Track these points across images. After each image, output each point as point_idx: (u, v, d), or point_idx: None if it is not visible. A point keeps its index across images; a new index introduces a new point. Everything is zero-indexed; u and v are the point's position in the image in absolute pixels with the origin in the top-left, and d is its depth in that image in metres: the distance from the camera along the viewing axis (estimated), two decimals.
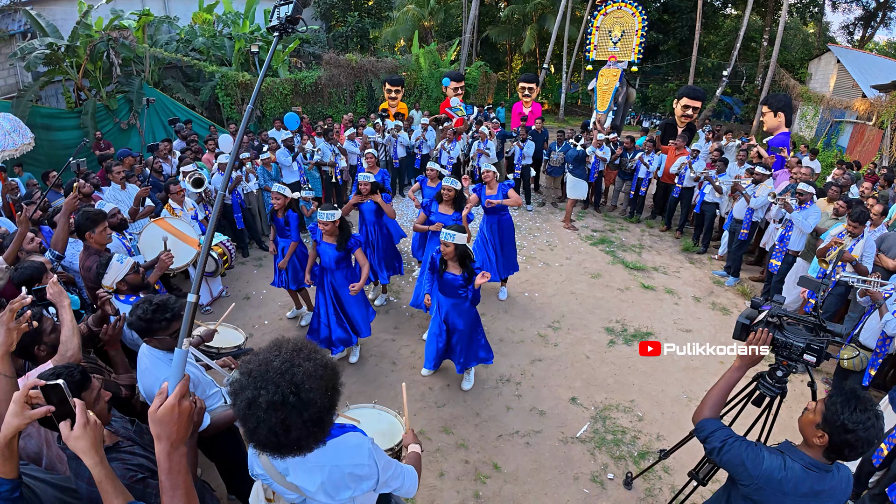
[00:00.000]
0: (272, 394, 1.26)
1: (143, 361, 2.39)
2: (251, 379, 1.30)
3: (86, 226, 3.65)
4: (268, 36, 14.02)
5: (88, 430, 1.36)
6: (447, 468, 3.69)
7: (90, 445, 1.36)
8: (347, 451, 1.54)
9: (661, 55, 21.64)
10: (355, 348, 4.85)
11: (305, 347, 1.39)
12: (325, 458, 1.49)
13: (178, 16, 14.64)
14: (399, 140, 9.36)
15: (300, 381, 1.29)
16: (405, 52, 18.58)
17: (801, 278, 2.40)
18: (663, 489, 3.53)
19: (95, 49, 10.59)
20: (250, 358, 1.38)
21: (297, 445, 1.34)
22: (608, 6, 12.72)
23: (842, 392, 1.77)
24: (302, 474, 1.51)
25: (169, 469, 1.30)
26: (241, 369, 1.36)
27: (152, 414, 1.28)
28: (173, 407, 1.27)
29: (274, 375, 1.28)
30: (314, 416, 1.31)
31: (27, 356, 2.38)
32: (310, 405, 1.29)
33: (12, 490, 1.48)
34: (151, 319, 2.28)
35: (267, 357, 1.34)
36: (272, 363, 1.31)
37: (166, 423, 1.27)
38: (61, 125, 10.20)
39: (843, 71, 15.88)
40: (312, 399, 1.29)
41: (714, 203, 7.21)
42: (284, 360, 1.32)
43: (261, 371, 1.31)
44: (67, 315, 2.38)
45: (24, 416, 1.42)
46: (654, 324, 5.64)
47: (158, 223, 4.83)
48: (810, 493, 1.81)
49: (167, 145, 7.70)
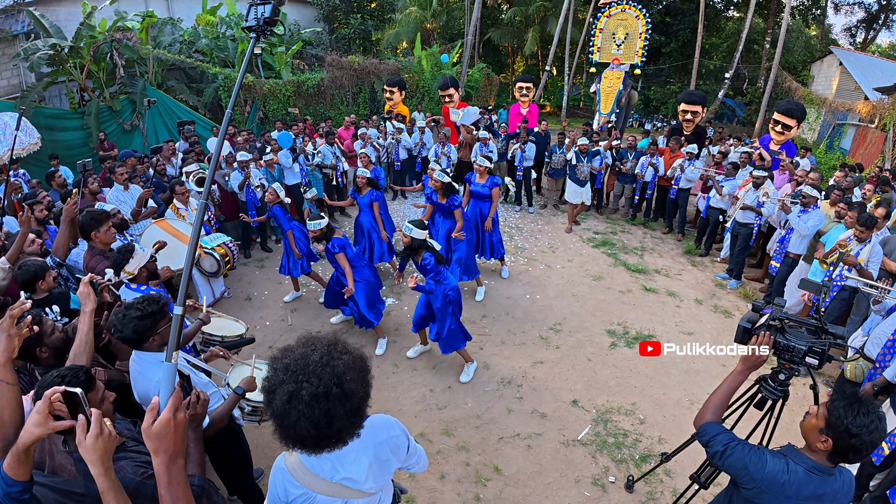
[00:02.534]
0: (316, 386, 1.28)
1: (134, 368, 2.36)
2: (290, 373, 1.31)
3: (91, 225, 3.66)
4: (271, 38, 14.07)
5: (101, 441, 1.36)
6: (448, 470, 3.69)
7: (100, 456, 1.36)
8: (382, 428, 1.63)
9: (664, 57, 21.63)
10: (381, 340, 5.18)
11: (339, 341, 1.44)
12: (365, 441, 1.55)
13: (181, 17, 14.70)
14: (401, 143, 9.40)
15: (341, 372, 1.32)
16: (407, 54, 18.62)
17: (802, 281, 2.40)
18: (665, 493, 3.52)
19: (99, 50, 10.62)
20: (283, 354, 1.39)
21: (337, 436, 1.37)
22: (612, 8, 12.72)
23: (844, 396, 1.76)
24: (349, 465, 1.54)
25: (168, 482, 1.30)
26: (273, 365, 1.37)
27: (146, 430, 1.28)
28: (168, 421, 1.28)
29: (316, 368, 1.31)
30: (355, 406, 1.35)
31: (29, 358, 2.37)
32: (352, 396, 1.33)
33: (23, 491, 1.52)
34: (144, 329, 2.25)
35: (304, 351, 1.36)
36: (311, 357, 1.34)
37: (163, 437, 1.28)
38: (64, 126, 10.23)
39: (845, 73, 15.86)
40: (354, 390, 1.34)
41: (720, 208, 7.18)
42: (323, 353, 1.35)
43: (300, 365, 1.32)
44: (85, 324, 2.28)
45: (47, 427, 1.45)
46: (655, 326, 5.63)
47: (160, 224, 4.85)
48: (813, 496, 1.80)
49: (171, 146, 7.73)
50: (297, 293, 6.13)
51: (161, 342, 2.36)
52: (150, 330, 2.28)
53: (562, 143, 9.02)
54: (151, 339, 2.31)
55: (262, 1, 1.76)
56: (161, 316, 2.31)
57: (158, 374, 2.30)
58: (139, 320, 2.22)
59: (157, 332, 2.31)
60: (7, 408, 1.77)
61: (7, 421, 1.75)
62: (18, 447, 1.47)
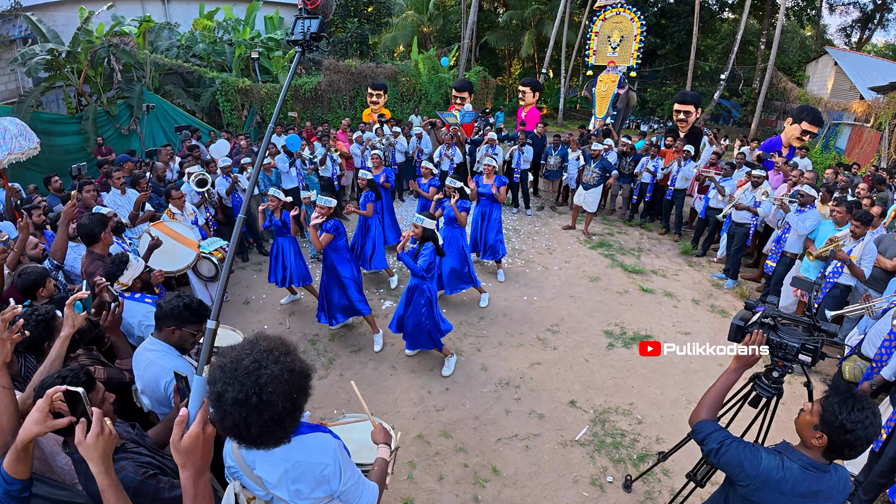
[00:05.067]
0: (237, 392, 1.30)
1: (144, 356, 2.36)
2: (222, 374, 1.33)
3: (94, 234, 3.65)
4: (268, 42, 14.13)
5: (101, 439, 1.39)
6: (446, 472, 3.69)
7: (100, 455, 1.39)
8: (313, 449, 1.57)
9: (659, 59, 21.77)
10: (377, 336, 5.23)
11: (277, 349, 1.41)
12: (289, 454, 1.52)
13: (178, 22, 14.74)
14: (397, 147, 9.42)
15: (264, 382, 1.32)
16: (404, 57, 18.67)
17: (794, 279, 2.43)
18: (662, 492, 3.53)
19: (96, 55, 10.65)
20: (226, 350, 1.40)
21: (259, 440, 1.38)
22: (607, 12, 12.79)
23: (838, 392, 1.76)
24: (266, 466, 1.55)
25: (194, 495, 1.32)
26: (217, 361, 1.38)
27: (175, 443, 1.29)
28: (198, 435, 1.29)
29: (241, 374, 1.32)
30: (274, 417, 1.35)
31: (37, 352, 2.42)
32: (270, 407, 1.33)
33: (22, 489, 1.54)
34: (182, 318, 2.33)
35: (239, 355, 1.37)
36: (242, 361, 1.34)
37: (192, 451, 1.29)
38: (62, 130, 10.24)
39: (840, 73, 15.93)
40: (273, 402, 1.33)
41: (718, 208, 7.20)
42: (254, 360, 1.35)
43: (231, 367, 1.34)
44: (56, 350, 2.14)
45: (46, 425, 1.47)
46: (652, 326, 5.65)
47: (158, 227, 4.84)
48: (808, 493, 1.80)
49: (169, 150, 7.74)
50: (293, 297, 6.13)
51: (181, 340, 2.39)
52: (183, 323, 2.36)
53: (557, 146, 9.06)
54: (175, 332, 2.37)
55: (309, 15, 1.75)
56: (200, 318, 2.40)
57: (173, 364, 2.33)
58: (185, 309, 2.33)
59: (182, 329, 2.37)
60: (4, 412, 1.77)
61: (4, 425, 1.76)
62: (17, 445, 1.48)
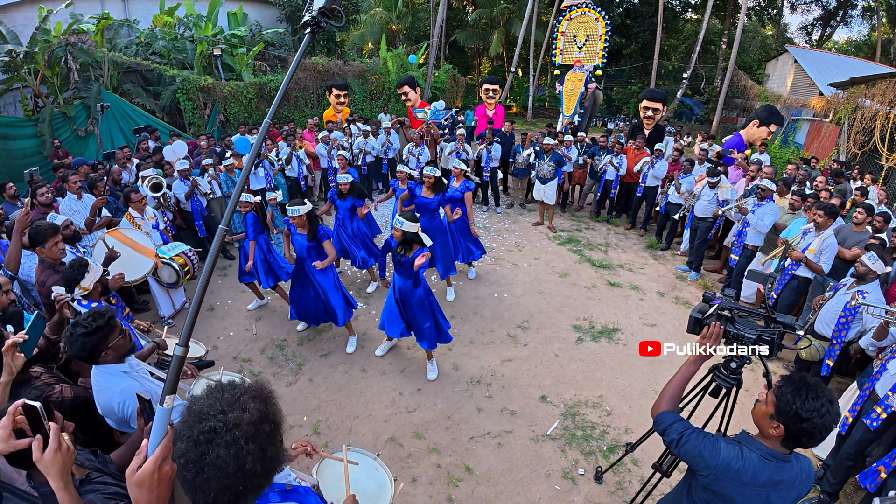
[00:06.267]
0: (180, 454, 1.15)
1: (96, 381, 2.29)
2: (180, 430, 1.18)
3: (36, 240, 3.54)
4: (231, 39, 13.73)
5: (59, 455, 1.37)
6: (419, 473, 3.67)
7: (59, 470, 1.37)
8: None
9: (624, 59, 22.19)
10: (351, 338, 5.19)
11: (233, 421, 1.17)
12: None
13: (137, 19, 14.21)
14: (365, 147, 9.31)
15: (208, 462, 1.14)
16: (373, 55, 18.49)
17: (749, 272, 2.49)
18: (633, 481, 3.60)
19: (53, 54, 10.21)
20: (196, 399, 1.23)
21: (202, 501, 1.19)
22: (573, 12, 12.98)
23: (791, 381, 1.77)
24: None
25: None
26: (187, 408, 1.22)
27: (129, 476, 1.16)
28: (152, 472, 1.16)
29: (190, 442, 1.15)
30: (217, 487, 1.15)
31: None
32: (205, 490, 1.15)
33: None
34: (93, 345, 2.17)
35: (193, 420, 1.18)
36: (195, 427, 1.16)
37: (145, 487, 1.16)
38: (18, 134, 9.81)
39: (800, 70, 16.44)
40: (210, 478, 1.14)
41: (679, 204, 7.39)
42: (204, 431, 1.16)
43: (186, 426, 1.17)
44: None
45: (9, 445, 1.44)
46: (620, 320, 5.75)
47: (113, 234, 4.66)
48: (769, 482, 1.80)
49: (125, 152, 7.46)
50: (260, 301, 5.98)
51: (116, 355, 2.27)
52: (100, 345, 2.20)
53: (525, 144, 9.13)
54: (104, 354, 2.23)
55: None
56: (110, 330, 2.22)
57: (120, 385, 2.24)
58: (85, 337, 2.15)
59: (108, 346, 2.23)
60: None
61: None
62: None
